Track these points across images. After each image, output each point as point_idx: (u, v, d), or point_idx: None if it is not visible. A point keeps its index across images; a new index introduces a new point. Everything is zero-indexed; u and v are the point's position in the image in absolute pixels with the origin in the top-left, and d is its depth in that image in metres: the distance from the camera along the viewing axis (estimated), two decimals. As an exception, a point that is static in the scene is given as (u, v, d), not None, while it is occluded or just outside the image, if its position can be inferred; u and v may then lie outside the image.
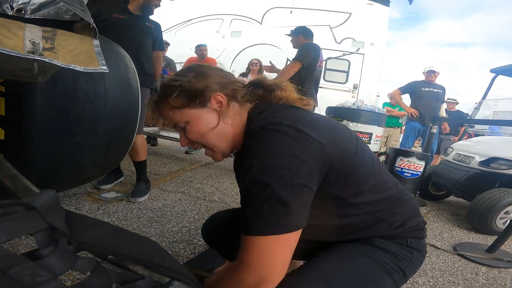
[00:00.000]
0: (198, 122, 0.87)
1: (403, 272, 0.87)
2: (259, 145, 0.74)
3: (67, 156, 1.36)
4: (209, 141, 0.89)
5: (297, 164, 0.71)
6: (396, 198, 0.90)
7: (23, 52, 0.76)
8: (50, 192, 0.37)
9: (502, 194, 2.67)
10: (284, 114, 0.80)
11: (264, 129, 0.75)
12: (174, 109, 0.87)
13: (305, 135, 0.73)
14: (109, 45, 1.61)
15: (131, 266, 0.39)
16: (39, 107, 1.21)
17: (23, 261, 0.31)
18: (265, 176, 0.69)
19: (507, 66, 4.49)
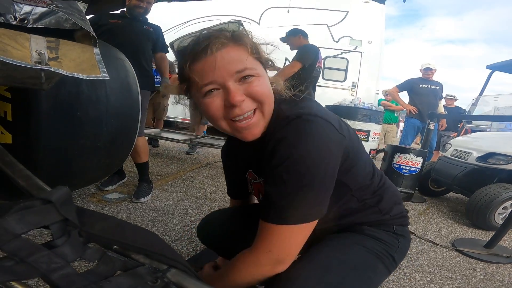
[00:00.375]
0: (266, 79, 0.80)
1: (392, 257, 0.93)
2: (296, 134, 0.72)
3: (72, 158, 1.42)
4: (271, 102, 0.80)
5: (330, 156, 0.74)
6: (382, 185, 0.96)
7: (31, 63, 0.81)
8: (64, 188, 0.42)
9: (500, 189, 2.69)
10: (314, 104, 0.83)
11: (300, 118, 0.73)
12: (251, 55, 0.77)
13: (333, 128, 0.75)
14: (109, 50, 1.66)
15: (134, 255, 0.44)
16: (45, 112, 1.26)
17: (41, 249, 0.36)
18: (302, 167, 0.71)
19: (503, 62, 4.52)
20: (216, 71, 0.72)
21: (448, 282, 1.75)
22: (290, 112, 0.76)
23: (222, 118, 0.77)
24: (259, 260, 0.76)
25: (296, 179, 0.71)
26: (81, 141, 1.39)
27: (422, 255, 2.05)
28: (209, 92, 0.74)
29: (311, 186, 0.72)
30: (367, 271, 0.86)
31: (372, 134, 3.20)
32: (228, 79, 0.72)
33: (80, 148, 1.42)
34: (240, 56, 0.74)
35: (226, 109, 0.75)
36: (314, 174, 0.71)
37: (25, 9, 0.98)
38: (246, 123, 0.77)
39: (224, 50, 0.73)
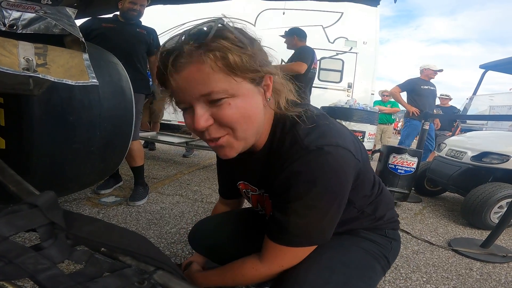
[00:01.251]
0: (247, 99, 0.68)
1: (387, 259, 0.96)
2: (316, 169, 0.69)
3: (66, 163, 1.42)
4: (247, 128, 0.70)
5: (347, 186, 0.75)
6: (380, 193, 0.96)
7: (19, 69, 0.82)
8: (50, 192, 0.43)
9: (495, 188, 2.71)
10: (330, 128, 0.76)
11: (322, 150, 0.69)
12: (222, 71, 0.63)
13: (352, 155, 0.73)
14: (102, 54, 1.66)
15: (121, 257, 0.44)
16: (38, 117, 1.26)
17: (27, 251, 0.37)
18: (320, 203, 0.71)
19: (496, 62, 4.56)
20: (182, 93, 0.66)
21: (444, 282, 1.75)
22: (309, 140, 0.71)
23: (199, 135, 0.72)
24: (270, 272, 0.81)
25: (312, 214, 0.73)
26: (74, 146, 1.39)
27: (418, 255, 2.05)
28: (184, 110, 0.70)
29: (327, 217, 0.74)
30: (368, 270, 0.88)
31: (368, 135, 3.22)
32: (194, 102, 0.66)
33: (74, 153, 1.42)
34: (204, 78, 0.62)
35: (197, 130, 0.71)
36: (331, 206, 0.73)
37: (14, 15, 0.98)
38: (214, 144, 0.71)
39: (186, 70, 0.63)
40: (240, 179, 0.99)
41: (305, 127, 0.74)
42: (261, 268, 0.81)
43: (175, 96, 0.69)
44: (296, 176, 0.70)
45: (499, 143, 3.17)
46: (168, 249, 1.76)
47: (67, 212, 0.45)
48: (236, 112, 0.66)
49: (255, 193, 0.97)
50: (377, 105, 6.09)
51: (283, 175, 0.73)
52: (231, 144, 0.71)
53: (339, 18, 6.28)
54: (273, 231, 0.78)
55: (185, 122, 0.72)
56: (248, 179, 0.96)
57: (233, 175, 1.03)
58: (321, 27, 6.26)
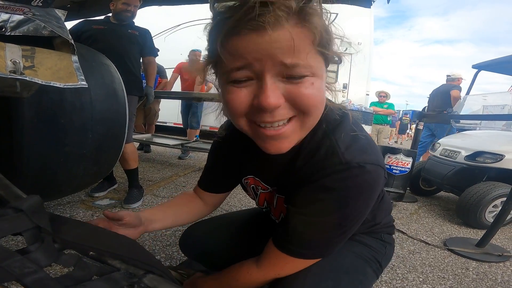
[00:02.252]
0: (323, 83, 0.60)
1: (379, 263, 0.95)
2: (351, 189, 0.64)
3: (58, 166, 1.40)
4: (319, 114, 0.63)
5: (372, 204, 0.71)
6: (380, 200, 0.94)
7: (6, 72, 0.80)
8: (35, 197, 0.42)
9: (490, 187, 2.72)
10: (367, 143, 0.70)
11: (363, 169, 0.62)
12: (315, 46, 0.55)
13: (383, 172, 0.68)
14: (94, 56, 1.65)
15: (110, 261, 0.44)
16: (28, 120, 1.24)
17: (13, 255, 0.36)
18: (345, 222, 0.68)
19: (489, 62, 4.60)
20: (256, 54, 0.52)
21: (440, 282, 1.75)
22: (350, 156, 0.63)
23: (243, 116, 0.60)
24: (264, 278, 0.78)
25: (333, 231, 0.69)
26: (66, 149, 1.38)
27: (414, 255, 2.06)
28: (236, 82, 0.56)
29: (345, 234, 0.71)
30: (358, 275, 0.87)
31: (363, 136, 3.22)
32: (268, 68, 0.53)
33: (65, 156, 1.40)
34: (298, 45, 0.52)
35: (253, 108, 0.57)
36: (353, 225, 0.70)
37: (3, 17, 0.97)
38: (274, 131, 0.59)
39: (278, 29, 0.50)
40: (251, 173, 0.91)
41: (345, 137, 0.67)
42: (257, 273, 0.78)
43: (238, 61, 0.54)
44: (328, 192, 0.64)
45: (492, 142, 3.19)
46: (164, 251, 1.74)
47: (54, 216, 0.44)
48: (317, 94, 0.57)
49: (265, 191, 0.90)
50: (373, 106, 6.10)
51: (312, 187, 0.66)
52: (293, 135, 0.61)
53: (333, 19, 6.29)
54: (281, 238, 0.73)
55: (230, 99, 0.58)
56: (261, 175, 0.88)
57: (241, 168, 0.93)
58: (315, 28, 6.26)
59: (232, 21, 0.51)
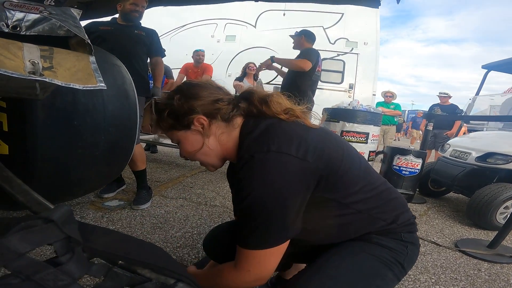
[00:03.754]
0: (185, 142, 0.94)
1: (401, 265, 0.93)
2: (250, 176, 0.78)
3: (70, 168, 1.40)
4: (198, 158, 0.97)
5: (289, 186, 0.78)
6: (386, 196, 0.95)
7: (25, 73, 0.79)
8: (65, 206, 0.41)
9: (501, 189, 2.69)
10: (271, 136, 0.83)
11: (252, 159, 0.78)
12: (166, 130, 0.94)
13: (291, 157, 0.78)
14: (106, 57, 1.64)
15: (140, 270, 0.43)
16: (41, 121, 1.23)
17: (46, 267, 0.35)
18: (260, 205, 0.77)
19: (499, 62, 4.56)
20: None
21: (453, 283, 1.74)
22: (245, 151, 0.82)
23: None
24: (241, 277, 0.84)
25: (257, 215, 0.77)
26: (79, 151, 1.37)
27: (425, 257, 2.03)
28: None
29: (273, 218, 0.78)
30: (375, 279, 0.86)
31: (371, 136, 3.19)
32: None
33: (78, 158, 1.39)
34: (164, 133, 0.96)
35: None
36: (273, 207, 0.77)
37: (17, 16, 0.95)
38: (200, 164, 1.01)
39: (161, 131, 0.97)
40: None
41: (244, 132, 0.89)
42: (234, 273, 0.85)
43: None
44: (237, 183, 0.80)
45: (503, 143, 3.16)
46: (174, 253, 1.73)
47: (82, 224, 0.43)
48: (184, 151, 0.96)
49: None
50: (380, 106, 6.06)
51: (233, 183, 0.86)
52: (205, 165, 1.01)
53: (340, 19, 6.27)
54: (238, 236, 0.83)
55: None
56: None
57: None
58: (321, 28, 6.24)
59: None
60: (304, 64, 3.09)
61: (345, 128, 3.13)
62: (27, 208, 0.55)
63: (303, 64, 3.09)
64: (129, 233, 1.92)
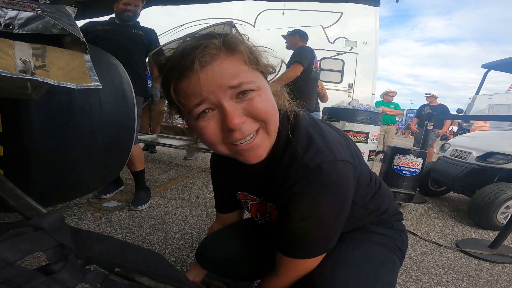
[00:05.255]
0: (269, 92, 0.70)
1: (401, 250, 0.97)
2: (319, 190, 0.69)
3: (67, 170, 1.37)
4: (276, 120, 0.71)
5: (349, 197, 0.75)
6: (379, 188, 0.97)
7: (15, 72, 0.77)
8: (55, 213, 0.39)
9: (502, 188, 2.69)
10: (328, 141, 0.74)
11: (321, 170, 0.68)
12: (247, 65, 0.66)
13: (350, 165, 0.73)
14: (102, 56, 1.61)
15: (137, 278, 0.41)
16: (37, 122, 1.20)
17: (38, 276, 0.33)
18: (325, 219, 0.72)
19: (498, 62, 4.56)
20: (207, 88, 0.61)
21: (455, 283, 1.73)
22: (307, 158, 0.69)
23: (221, 143, 0.68)
24: (287, 283, 0.83)
25: (318, 229, 0.73)
26: (75, 152, 1.34)
27: (427, 257, 2.02)
28: (203, 114, 0.64)
29: (332, 229, 0.75)
30: (390, 264, 0.89)
31: (371, 136, 3.17)
32: (222, 96, 0.62)
33: (75, 159, 1.37)
34: (235, 68, 0.63)
35: (224, 133, 0.66)
36: (336, 220, 0.73)
37: (10, 14, 0.92)
38: (248, 144, 0.68)
39: (215, 64, 0.62)
40: (239, 189, 0.98)
41: (302, 140, 0.74)
42: (278, 282, 0.83)
43: (194, 99, 0.63)
44: (298, 197, 0.70)
45: (504, 143, 3.15)
46: (174, 255, 1.71)
47: (76, 230, 0.41)
48: (268, 103, 0.67)
49: (254, 203, 0.96)
50: (382, 106, 6.09)
51: (285, 195, 0.73)
52: (264, 142, 0.71)
53: (339, 18, 6.26)
54: (282, 246, 0.79)
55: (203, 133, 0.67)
56: (247, 188, 0.96)
57: (232, 185, 1.02)
58: (321, 27, 6.23)
59: (176, 70, 0.63)
60: (295, 72, 3.11)
61: (345, 127, 3.11)
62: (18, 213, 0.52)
63: (294, 71, 3.11)
64: (128, 234, 1.90)
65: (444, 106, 5.83)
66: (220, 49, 0.63)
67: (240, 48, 0.65)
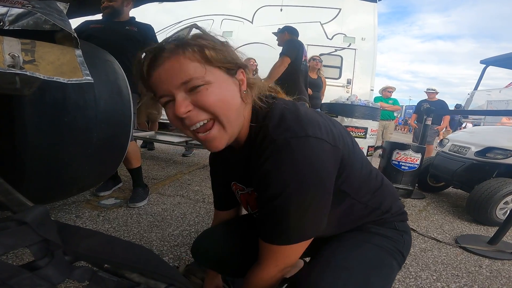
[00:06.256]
0: (223, 86, 0.73)
1: (401, 253, 0.94)
2: (288, 164, 0.69)
3: (62, 166, 1.35)
4: (227, 112, 0.74)
5: (326, 176, 0.73)
6: (381, 185, 0.95)
7: (4, 67, 0.75)
8: (40, 207, 0.37)
9: (500, 184, 2.68)
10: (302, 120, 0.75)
11: (288, 144, 0.69)
12: (199, 61, 0.70)
13: (326, 143, 0.73)
14: (97, 52, 1.59)
15: (127, 274, 0.39)
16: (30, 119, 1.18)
17: (21, 272, 0.32)
18: (300, 197, 0.71)
19: (497, 57, 4.55)
20: (164, 84, 0.71)
21: (454, 280, 1.72)
22: (276, 134, 0.72)
23: (184, 128, 0.75)
24: (269, 274, 0.81)
25: (295, 208, 0.72)
26: (70, 148, 1.32)
27: (426, 253, 2.02)
28: (166, 103, 0.74)
29: (310, 210, 0.73)
30: (385, 268, 0.86)
31: (370, 131, 3.17)
32: (175, 91, 0.70)
33: (70, 156, 1.35)
34: (183, 66, 0.69)
35: (180, 120, 0.73)
36: (312, 199, 0.72)
37: (0, 10, 0.91)
38: (205, 135, 0.75)
39: (167, 63, 0.70)
40: (232, 178, 0.99)
41: (274, 120, 0.76)
42: (262, 272, 0.82)
43: (158, 91, 0.73)
44: (268, 175, 0.71)
45: (503, 138, 3.14)
46: (172, 252, 1.70)
47: (63, 225, 0.40)
48: (213, 96, 0.71)
49: (243, 192, 0.96)
50: (380, 102, 6.09)
51: (258, 174, 0.74)
52: (220, 134, 0.75)
53: (337, 14, 6.24)
54: (261, 231, 0.79)
55: (168, 117, 0.75)
56: (236, 176, 0.97)
57: (227, 176, 1.02)
58: (319, 23, 6.22)
59: (145, 66, 0.73)
60: (282, 65, 3.14)
61: (343, 123, 3.10)
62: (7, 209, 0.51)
63: (282, 64, 3.14)
64: (126, 232, 1.89)
65: (443, 102, 5.84)
66: (172, 50, 0.71)
67: (192, 48, 0.71)
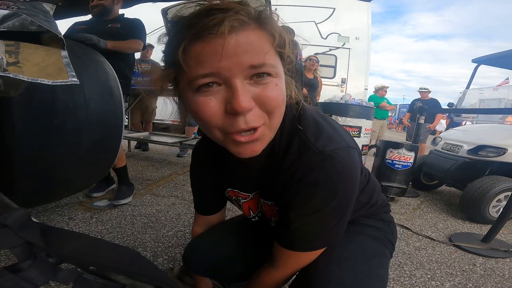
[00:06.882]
0: (283, 84, 0.61)
1: (391, 242, 0.97)
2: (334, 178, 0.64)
3: (52, 169, 1.33)
4: (280, 115, 0.62)
5: (357, 184, 0.71)
6: (368, 180, 0.95)
7: None
8: (20, 209, 0.37)
9: (493, 182, 2.69)
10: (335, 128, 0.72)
11: (335, 158, 0.64)
12: (275, 47, 0.57)
13: (356, 152, 0.71)
14: (88, 53, 1.58)
15: (113, 276, 0.39)
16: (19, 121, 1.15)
17: (4, 274, 0.32)
18: (340, 208, 0.69)
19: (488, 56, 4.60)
20: (223, 60, 0.51)
21: (449, 278, 1.72)
22: (321, 145, 0.65)
23: (217, 128, 0.58)
24: (284, 275, 0.81)
25: (331, 220, 0.70)
26: (60, 150, 1.30)
27: (420, 252, 2.02)
28: (205, 87, 0.54)
29: (342, 219, 0.72)
30: (382, 257, 0.88)
31: (364, 130, 3.18)
32: (237, 73, 0.52)
33: (60, 158, 1.33)
34: (261, 46, 0.53)
35: (226, 117, 0.56)
36: (348, 209, 0.71)
37: None
38: (248, 137, 0.58)
39: (242, 33, 0.52)
40: (230, 185, 0.91)
41: (310, 129, 0.69)
42: (276, 274, 0.81)
43: (202, 68, 0.52)
44: (315, 186, 0.65)
45: (495, 136, 3.16)
46: (166, 253, 1.69)
47: (47, 227, 0.39)
48: (280, 95, 0.58)
49: (247, 200, 0.91)
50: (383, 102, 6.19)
51: (299, 186, 0.66)
52: (264, 137, 0.61)
53: (331, 14, 6.27)
54: (286, 239, 0.75)
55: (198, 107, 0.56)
56: (239, 185, 0.89)
57: (221, 182, 0.93)
58: (313, 23, 6.24)
59: (196, 28, 0.51)
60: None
61: (338, 122, 3.12)
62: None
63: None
64: (119, 233, 1.88)
65: (435, 100, 5.91)
66: (252, 19, 0.54)
67: (273, 25, 0.56)
